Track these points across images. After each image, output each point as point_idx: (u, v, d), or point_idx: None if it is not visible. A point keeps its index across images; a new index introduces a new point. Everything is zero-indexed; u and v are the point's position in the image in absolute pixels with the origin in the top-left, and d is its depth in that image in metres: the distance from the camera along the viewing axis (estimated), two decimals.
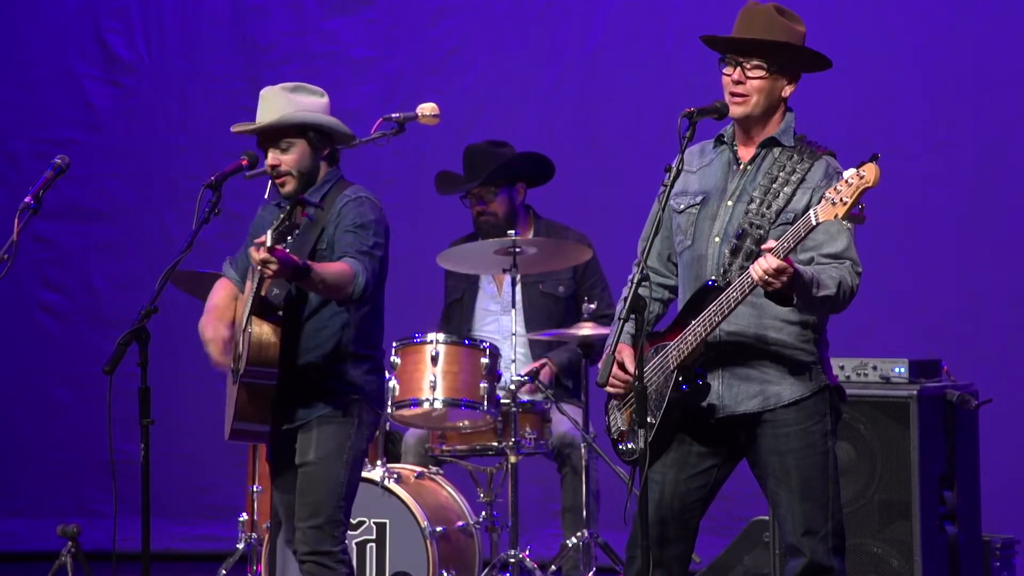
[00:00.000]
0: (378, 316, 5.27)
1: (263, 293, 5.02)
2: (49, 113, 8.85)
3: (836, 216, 4.30)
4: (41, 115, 8.85)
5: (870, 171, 4.29)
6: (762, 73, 4.59)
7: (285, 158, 5.13)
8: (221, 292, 5.27)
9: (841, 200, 4.29)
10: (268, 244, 4.76)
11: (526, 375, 6.52)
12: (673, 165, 4.59)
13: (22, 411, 8.59)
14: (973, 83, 7.75)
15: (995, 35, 7.70)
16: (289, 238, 4.90)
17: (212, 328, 5.16)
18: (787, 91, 4.66)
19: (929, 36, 7.82)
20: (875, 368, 6.01)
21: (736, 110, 4.61)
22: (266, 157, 5.17)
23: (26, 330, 8.77)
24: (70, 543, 6.61)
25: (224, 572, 6.74)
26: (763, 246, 4.40)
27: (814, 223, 4.36)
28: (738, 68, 4.59)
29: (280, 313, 5.07)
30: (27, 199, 5.54)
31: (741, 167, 4.67)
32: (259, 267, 4.82)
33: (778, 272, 4.32)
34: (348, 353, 5.18)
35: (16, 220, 5.47)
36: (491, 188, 6.73)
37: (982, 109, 7.73)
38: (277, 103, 5.15)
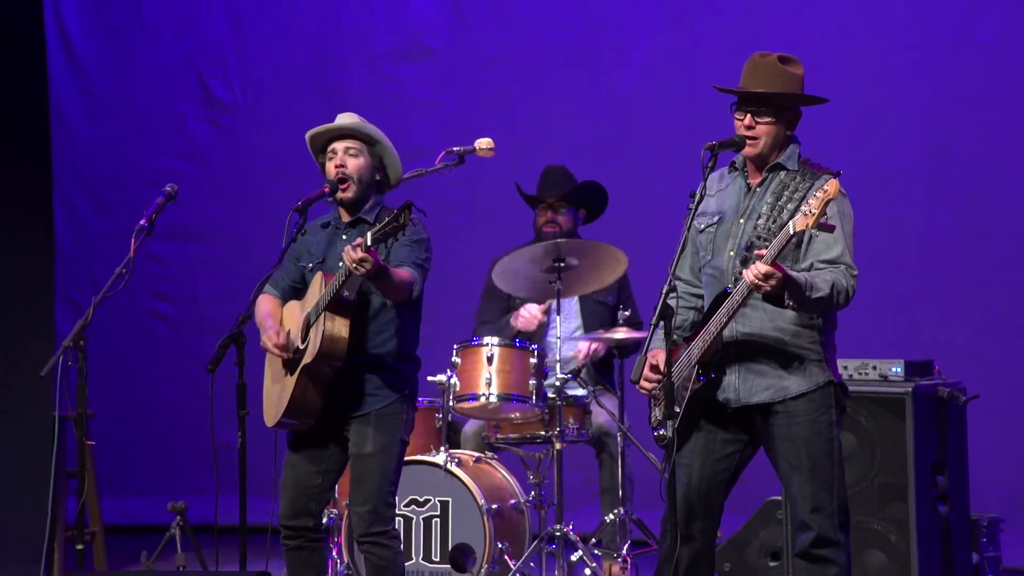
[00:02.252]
0: (419, 323, 5.27)
1: (344, 293, 5.01)
2: (159, 148, 8.92)
3: (807, 226, 4.34)
4: (152, 150, 8.93)
5: (831, 186, 4.35)
6: (769, 119, 4.65)
7: (351, 162, 5.14)
8: (268, 303, 5.26)
9: (811, 211, 4.33)
10: (367, 245, 4.78)
11: (570, 373, 6.55)
12: (697, 191, 4.65)
13: (137, 405, 8.66)
14: (968, 115, 7.71)
15: (991, 70, 7.65)
16: (390, 240, 4.90)
17: (273, 325, 5.16)
18: (790, 127, 4.71)
19: (929, 72, 7.78)
20: (875, 368, 6.01)
21: (749, 151, 4.68)
22: (328, 166, 5.17)
23: (140, 335, 8.85)
24: (178, 517, 6.69)
25: None
26: (755, 252, 4.46)
27: (791, 232, 4.40)
28: (748, 115, 4.64)
29: (349, 312, 5.06)
30: (142, 222, 5.62)
31: (751, 190, 4.71)
32: (354, 265, 4.79)
33: (767, 276, 4.36)
34: (404, 354, 5.20)
35: (133, 240, 5.55)
36: (564, 203, 6.77)
37: (975, 138, 7.68)
38: (352, 119, 5.21)
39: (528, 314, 6.65)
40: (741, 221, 4.69)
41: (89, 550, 6.62)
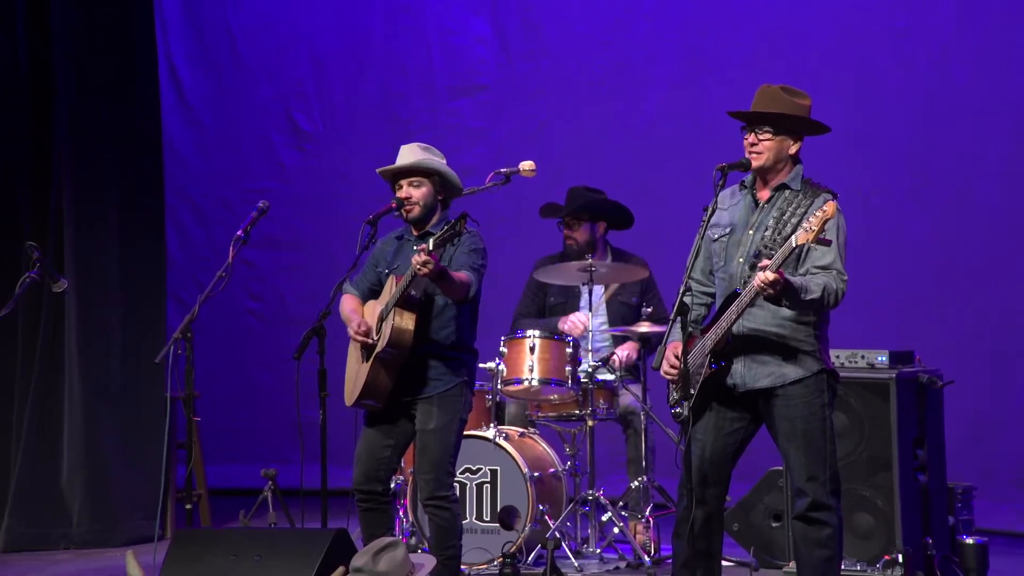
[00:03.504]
0: (476, 319, 5.29)
1: (412, 292, 5.04)
2: (253, 171, 8.97)
3: (808, 240, 4.37)
4: (247, 172, 8.98)
5: (830, 207, 4.38)
6: (769, 136, 4.64)
7: (415, 192, 5.19)
8: (352, 301, 5.29)
9: (809, 227, 4.36)
10: (429, 249, 4.83)
11: (600, 361, 6.53)
12: (709, 205, 4.66)
13: (234, 387, 8.70)
14: (943, 140, 7.64)
15: (963, 102, 7.58)
16: (446, 246, 4.96)
17: (357, 319, 5.18)
18: (793, 149, 4.69)
19: (909, 103, 7.72)
20: (863, 357, 5.94)
21: (754, 163, 4.67)
22: (397, 192, 5.22)
23: (236, 329, 8.89)
24: (270, 482, 6.69)
25: None
26: (760, 264, 4.47)
27: (794, 245, 4.43)
28: (753, 133, 4.65)
29: (416, 308, 5.08)
30: (238, 233, 5.63)
31: (760, 206, 4.70)
32: (418, 267, 4.85)
33: (772, 283, 4.39)
34: (463, 346, 5.21)
35: (231, 248, 5.56)
36: (577, 220, 6.72)
37: (948, 160, 7.63)
38: (414, 153, 5.24)
39: (575, 322, 6.62)
40: (750, 232, 4.68)
41: (196, 509, 6.65)
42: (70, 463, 7.28)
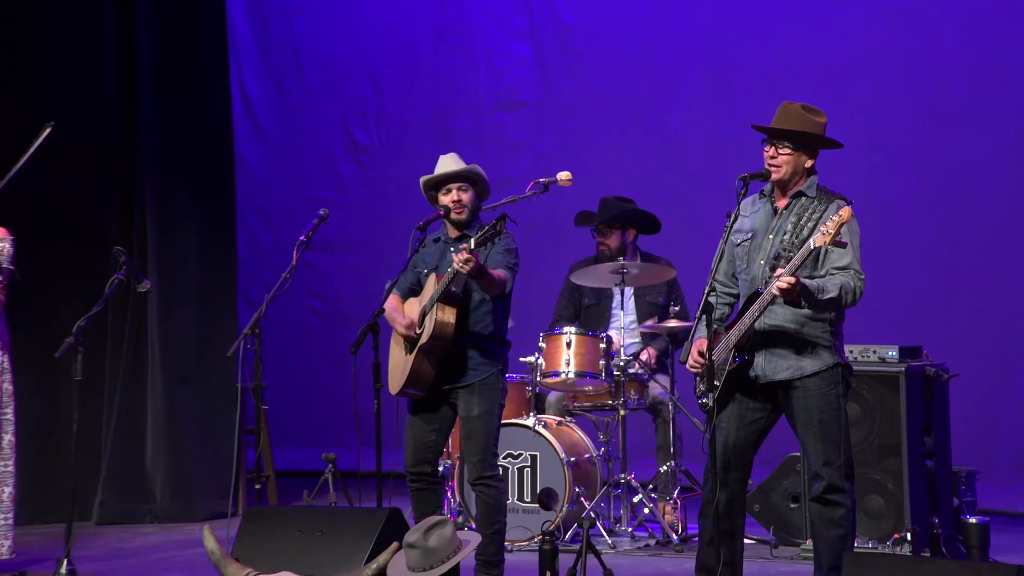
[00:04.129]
0: (509, 313, 5.26)
1: (452, 288, 5.03)
2: (315, 182, 9.00)
3: (825, 242, 4.35)
4: (309, 183, 9.01)
5: (846, 212, 4.37)
6: (788, 151, 4.61)
7: (464, 196, 5.18)
8: (396, 300, 5.25)
9: (827, 231, 4.34)
10: (471, 248, 4.84)
11: (632, 356, 6.48)
12: (732, 212, 4.64)
13: (298, 379, 8.71)
14: (947, 151, 7.56)
15: (966, 114, 7.50)
16: (486, 245, 4.94)
17: (400, 316, 5.16)
18: (808, 163, 4.67)
19: (916, 116, 7.64)
20: (874, 352, 5.89)
21: (773, 176, 4.64)
22: (442, 197, 5.19)
23: (299, 325, 8.91)
24: (330, 465, 6.70)
25: None
26: (776, 273, 4.45)
27: (812, 247, 4.40)
28: (772, 147, 4.62)
29: (456, 303, 5.07)
30: (301, 238, 5.62)
31: (778, 212, 4.67)
32: (460, 265, 4.84)
33: (789, 289, 4.37)
34: (498, 337, 5.18)
35: (295, 252, 5.56)
36: (609, 228, 6.68)
37: (952, 169, 7.54)
38: (456, 161, 5.23)
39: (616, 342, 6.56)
40: (770, 237, 4.64)
41: (264, 489, 6.68)
42: (153, 446, 7.33)
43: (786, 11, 7.97)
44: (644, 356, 6.55)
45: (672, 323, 6.46)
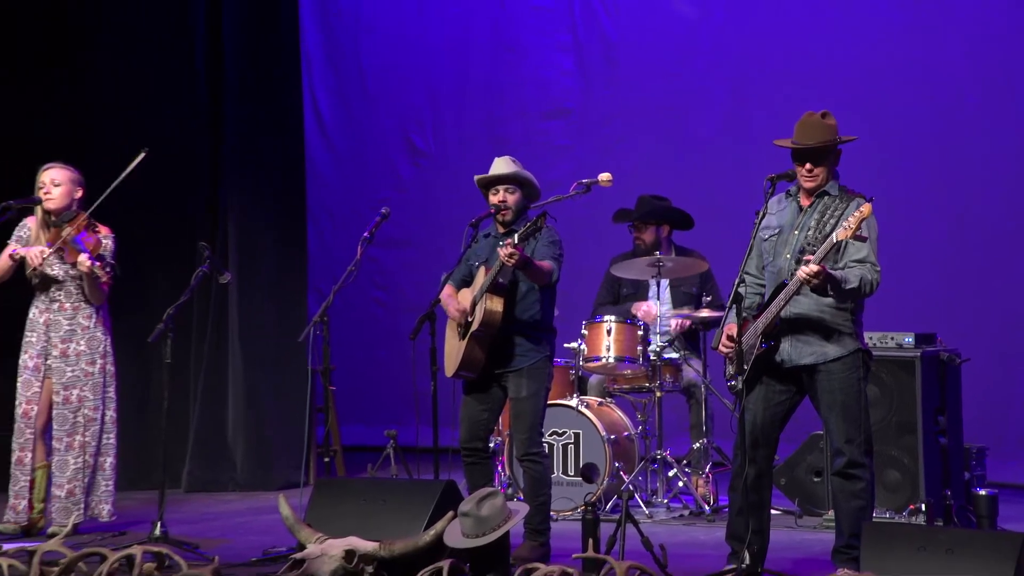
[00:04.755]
0: (554, 302, 5.21)
1: (500, 279, 4.99)
2: (377, 183, 9.00)
3: (847, 236, 4.30)
4: (373, 185, 9.01)
5: (866, 208, 4.32)
6: (822, 165, 4.58)
7: (509, 197, 5.13)
8: (450, 290, 5.23)
9: (849, 226, 4.30)
10: (515, 242, 4.81)
11: (666, 341, 6.44)
12: (761, 210, 4.60)
13: (362, 363, 8.71)
14: (958, 156, 7.48)
15: (975, 123, 7.42)
16: (529, 240, 4.91)
17: (454, 304, 5.14)
18: (834, 164, 4.62)
19: (928, 124, 7.56)
20: (892, 338, 5.82)
21: (809, 187, 4.60)
22: (491, 197, 5.16)
23: (363, 314, 8.91)
24: (392, 441, 6.69)
25: None
26: (805, 257, 4.40)
27: (835, 240, 4.36)
28: (808, 163, 4.56)
29: (504, 293, 5.04)
30: (365, 234, 5.63)
31: (803, 210, 4.63)
32: (506, 258, 4.81)
33: (815, 274, 4.31)
34: (544, 325, 5.14)
35: (359, 247, 5.56)
36: (645, 224, 6.62)
37: (963, 171, 7.46)
38: (507, 165, 5.18)
39: (647, 309, 6.52)
40: (796, 232, 4.59)
41: (333, 462, 6.70)
42: (234, 422, 7.37)
43: (806, 28, 7.92)
44: (674, 324, 6.48)
45: (704, 312, 6.41)
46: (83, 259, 5.52)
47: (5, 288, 5.93)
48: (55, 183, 5.69)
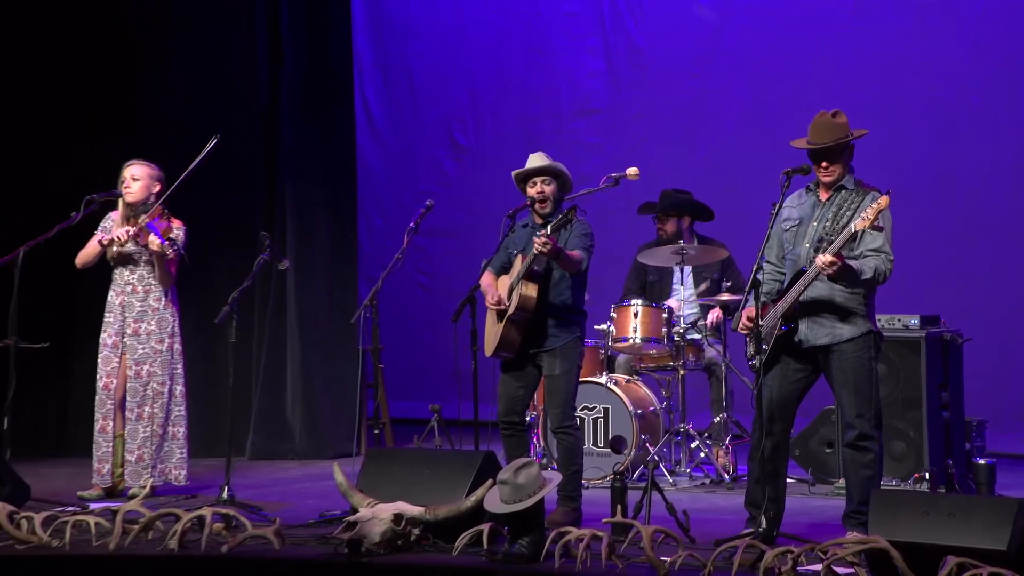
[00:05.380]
0: (585, 287, 5.20)
1: (534, 267, 4.99)
2: (423, 177, 8.99)
3: (864, 226, 4.27)
4: (418, 179, 9.01)
5: (884, 200, 4.29)
6: (838, 162, 4.54)
7: (547, 189, 5.11)
8: (488, 277, 5.22)
9: (867, 216, 4.26)
10: (548, 233, 4.82)
11: (690, 324, 6.42)
12: (777, 202, 4.58)
13: (408, 343, 8.71)
14: (962, 152, 7.40)
15: (978, 122, 7.34)
16: (560, 231, 4.92)
17: (492, 291, 5.13)
18: (848, 158, 4.58)
19: (933, 123, 7.48)
20: (899, 320, 5.78)
21: (827, 181, 4.56)
22: (528, 189, 5.13)
23: (408, 298, 8.91)
24: (436, 415, 6.70)
25: None
26: (823, 247, 4.38)
27: (852, 230, 4.32)
28: (824, 162, 4.53)
29: (538, 280, 5.03)
30: (411, 224, 5.64)
31: (822, 203, 4.60)
32: (539, 247, 4.81)
33: (831, 263, 4.29)
34: (576, 308, 5.13)
35: (405, 236, 5.58)
36: (667, 215, 6.59)
37: (968, 167, 7.38)
38: (542, 159, 5.15)
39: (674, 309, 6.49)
40: (814, 224, 4.58)
41: (382, 434, 6.72)
42: (292, 396, 7.41)
43: (820, 31, 7.85)
44: (711, 317, 6.47)
45: (724, 296, 6.38)
46: (153, 238, 5.62)
47: (88, 277, 6.04)
48: (135, 178, 5.79)
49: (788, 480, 4.82)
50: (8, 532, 4.60)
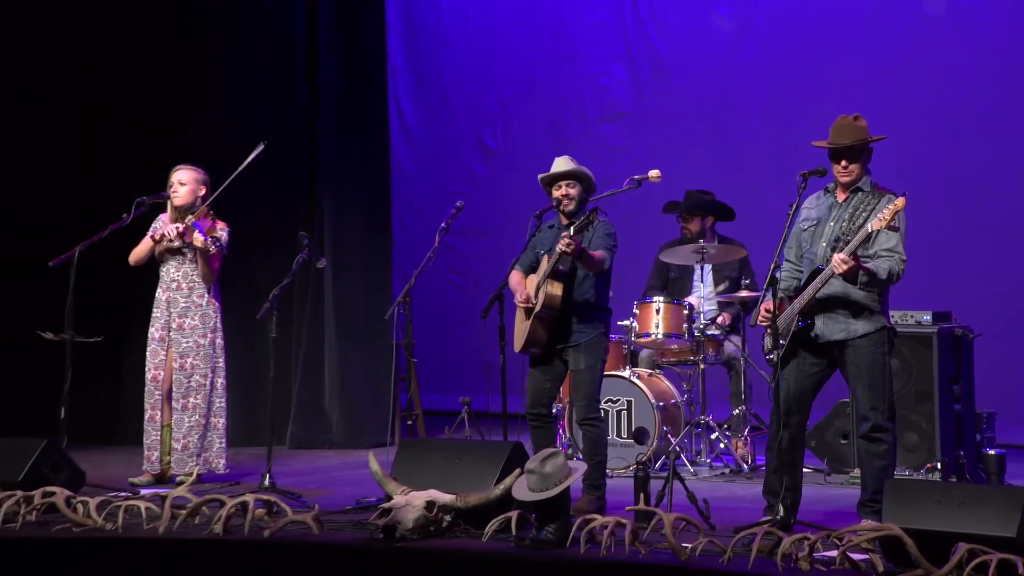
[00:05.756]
0: (609, 285, 5.18)
1: (560, 267, 4.99)
2: (454, 179, 9.00)
3: (881, 226, 4.25)
4: (450, 181, 9.01)
5: (900, 202, 4.27)
6: (856, 163, 4.53)
7: (571, 191, 5.10)
8: (517, 275, 5.21)
9: (883, 217, 4.26)
10: (572, 234, 4.82)
11: (710, 320, 6.39)
12: (793, 203, 4.56)
13: (440, 338, 8.72)
14: (969, 153, 7.35)
15: (985, 126, 7.30)
16: (583, 232, 4.94)
17: (521, 288, 5.12)
18: (866, 161, 4.56)
19: (941, 126, 7.43)
20: (912, 316, 5.75)
21: (845, 181, 4.55)
22: (554, 192, 5.13)
23: (441, 295, 8.92)
24: (466, 407, 6.69)
25: None
26: (837, 249, 4.38)
27: (869, 231, 4.31)
28: (844, 161, 4.52)
29: (564, 279, 5.03)
30: (442, 224, 5.65)
31: (839, 204, 4.58)
32: (562, 247, 4.82)
33: (846, 263, 4.30)
34: (600, 306, 5.12)
35: (437, 236, 5.59)
36: (690, 216, 6.57)
37: (975, 167, 7.34)
38: (568, 162, 5.16)
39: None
40: (831, 224, 4.56)
41: (415, 425, 6.73)
42: (329, 389, 7.45)
43: (834, 40, 7.82)
44: (720, 319, 6.46)
45: (743, 293, 6.36)
46: (197, 235, 5.68)
47: (138, 275, 6.11)
48: (182, 183, 5.84)
49: (804, 470, 4.80)
50: (66, 515, 4.67)
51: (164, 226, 5.87)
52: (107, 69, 7.63)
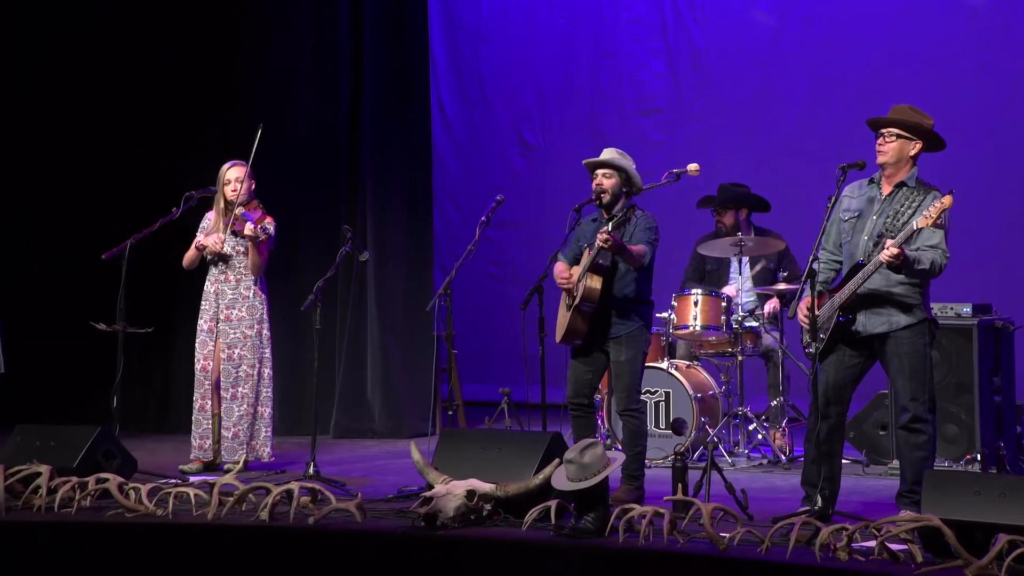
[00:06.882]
0: (651, 279, 5.15)
1: (599, 261, 4.98)
2: (494, 173, 8.99)
3: (927, 224, 4.20)
4: (490, 174, 8.99)
5: (947, 199, 4.20)
6: (893, 138, 4.46)
7: (607, 182, 5.08)
8: (561, 266, 5.20)
9: (930, 215, 4.20)
10: (609, 230, 4.83)
11: (748, 312, 6.35)
12: (832, 195, 4.50)
13: (481, 328, 8.72)
14: (1012, 149, 7.27)
15: None
16: (622, 227, 4.96)
17: (565, 276, 5.12)
18: (913, 151, 4.50)
19: (985, 119, 7.33)
20: (952, 308, 5.68)
21: (879, 159, 4.49)
22: (593, 182, 5.12)
23: (481, 287, 8.91)
24: (506, 398, 6.71)
25: None
26: (887, 242, 4.30)
27: (915, 228, 4.26)
28: (882, 136, 4.47)
29: (603, 273, 5.02)
30: (482, 218, 5.66)
31: (883, 198, 4.53)
32: (600, 242, 4.81)
33: (896, 256, 4.24)
34: (641, 299, 5.10)
35: (477, 229, 5.61)
36: (724, 209, 6.53)
37: (1016, 165, 7.25)
38: (610, 153, 5.15)
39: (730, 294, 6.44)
40: (874, 218, 4.51)
41: (455, 415, 6.75)
42: (372, 379, 7.49)
43: (877, 32, 7.70)
44: (768, 307, 6.41)
45: (781, 286, 6.31)
46: (248, 225, 5.74)
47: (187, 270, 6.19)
48: (238, 179, 5.90)
49: (843, 461, 4.76)
50: (119, 501, 4.75)
51: (209, 230, 5.94)
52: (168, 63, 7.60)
